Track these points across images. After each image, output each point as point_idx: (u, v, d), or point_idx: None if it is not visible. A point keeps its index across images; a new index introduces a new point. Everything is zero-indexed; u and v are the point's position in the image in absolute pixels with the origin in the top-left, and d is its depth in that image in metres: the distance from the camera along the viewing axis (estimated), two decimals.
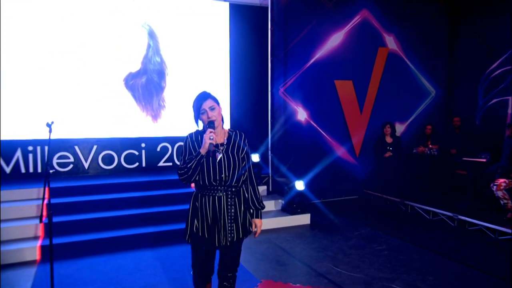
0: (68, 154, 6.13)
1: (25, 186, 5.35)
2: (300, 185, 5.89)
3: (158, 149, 6.66)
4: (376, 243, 5.02)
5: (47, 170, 3.33)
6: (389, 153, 7.13)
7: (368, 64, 7.69)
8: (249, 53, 7.06)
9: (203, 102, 2.43)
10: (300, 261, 4.43)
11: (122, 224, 5.11)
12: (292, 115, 7.07)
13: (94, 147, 6.24)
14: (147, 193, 5.67)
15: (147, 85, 6.41)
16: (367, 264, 4.33)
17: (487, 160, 6.00)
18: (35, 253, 4.40)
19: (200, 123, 2.50)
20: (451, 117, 7.83)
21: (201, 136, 2.45)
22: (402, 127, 8.13)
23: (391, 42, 7.85)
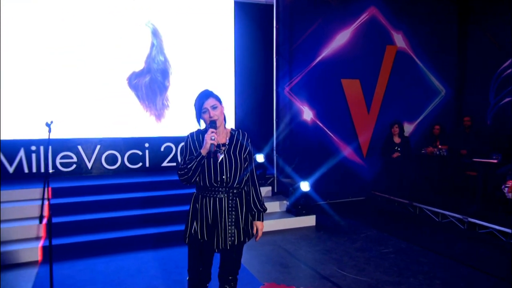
0: (71, 154, 6.12)
1: (27, 186, 5.34)
2: (305, 186, 5.80)
3: (162, 149, 6.63)
4: (383, 245, 4.94)
5: (47, 170, 3.30)
6: (397, 154, 7.02)
7: (375, 62, 7.58)
8: (254, 51, 7.01)
9: (205, 100, 2.37)
10: (304, 264, 4.36)
11: (124, 224, 5.08)
12: (298, 114, 6.98)
13: (98, 147, 6.23)
14: (150, 194, 5.63)
15: (150, 84, 6.38)
16: (372, 267, 4.25)
17: (498, 161, 5.90)
18: (36, 253, 4.38)
19: (201, 122, 2.45)
20: (461, 116, 7.72)
21: (203, 135, 2.39)
22: (410, 127, 8.00)
23: (399, 40, 7.73)
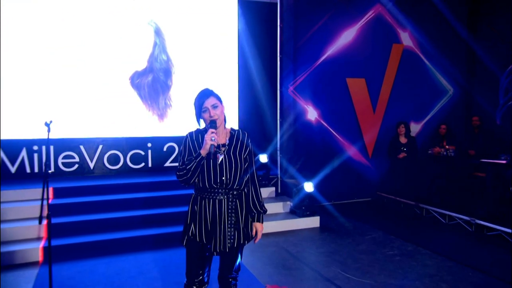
0: (73, 154, 6.10)
1: (29, 186, 5.33)
2: (309, 187, 5.73)
3: (165, 149, 6.59)
4: (388, 247, 4.87)
5: (46, 170, 3.28)
6: (403, 154, 6.92)
7: (381, 61, 7.50)
8: (258, 50, 6.95)
9: (205, 99, 2.33)
10: (307, 266, 4.32)
11: (125, 225, 5.05)
12: (302, 114, 6.92)
13: (100, 147, 6.21)
14: (152, 194, 5.59)
15: (153, 83, 6.34)
16: (377, 269, 4.19)
17: (507, 162, 5.78)
18: (37, 254, 4.37)
19: (201, 121, 2.41)
20: (469, 116, 7.61)
21: (202, 135, 2.36)
22: (417, 127, 7.91)
23: (406, 39, 7.64)
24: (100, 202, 5.27)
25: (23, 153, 5.81)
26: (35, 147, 5.87)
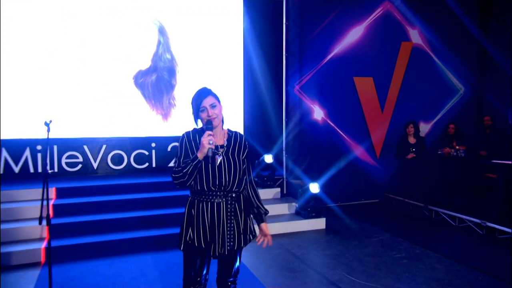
0: (77, 153, 6.10)
1: (33, 186, 5.32)
2: (315, 188, 5.63)
3: (169, 149, 6.55)
4: (396, 250, 4.77)
5: (46, 170, 3.25)
6: (412, 155, 6.79)
7: (390, 59, 7.38)
8: (263, 49, 6.88)
9: (203, 99, 2.28)
10: (312, 268, 4.25)
11: (128, 226, 5.01)
12: (308, 114, 6.83)
13: (103, 146, 6.20)
14: (156, 195, 5.55)
15: (157, 83, 6.31)
16: (383, 273, 4.10)
17: None
18: (40, 255, 4.35)
19: (199, 121, 2.36)
20: (481, 116, 7.47)
21: (199, 135, 2.29)
22: (427, 126, 7.77)
23: (415, 36, 7.51)
24: (103, 202, 5.25)
25: (27, 152, 5.81)
26: (39, 147, 5.87)
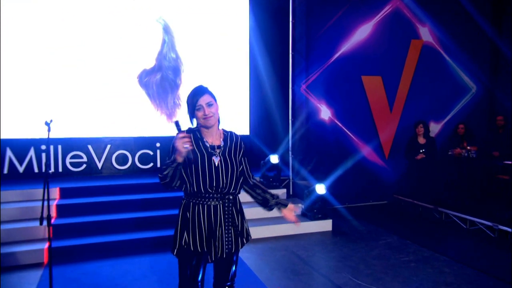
0: (81, 153, 6.10)
1: (37, 186, 5.31)
2: (321, 189, 5.54)
3: None
4: (403, 253, 4.66)
5: (46, 170, 3.24)
6: (421, 155, 6.64)
7: (399, 58, 7.25)
8: (269, 47, 6.82)
9: (200, 97, 2.22)
10: (317, 271, 4.18)
11: (132, 227, 4.99)
12: (315, 113, 6.74)
13: (108, 146, 6.19)
14: (160, 195, 5.52)
15: (161, 82, 6.25)
16: (390, 276, 4.01)
17: None
18: (42, 255, 4.34)
19: (194, 120, 2.30)
20: (494, 115, 7.33)
21: (194, 135, 2.26)
22: (437, 127, 7.62)
23: (425, 34, 7.36)
24: (107, 202, 5.23)
25: (31, 152, 5.83)
26: (43, 147, 5.88)
